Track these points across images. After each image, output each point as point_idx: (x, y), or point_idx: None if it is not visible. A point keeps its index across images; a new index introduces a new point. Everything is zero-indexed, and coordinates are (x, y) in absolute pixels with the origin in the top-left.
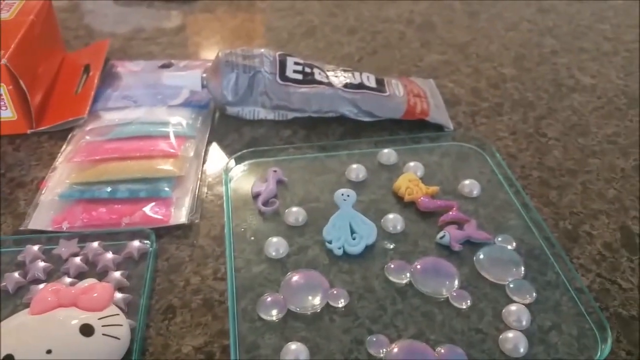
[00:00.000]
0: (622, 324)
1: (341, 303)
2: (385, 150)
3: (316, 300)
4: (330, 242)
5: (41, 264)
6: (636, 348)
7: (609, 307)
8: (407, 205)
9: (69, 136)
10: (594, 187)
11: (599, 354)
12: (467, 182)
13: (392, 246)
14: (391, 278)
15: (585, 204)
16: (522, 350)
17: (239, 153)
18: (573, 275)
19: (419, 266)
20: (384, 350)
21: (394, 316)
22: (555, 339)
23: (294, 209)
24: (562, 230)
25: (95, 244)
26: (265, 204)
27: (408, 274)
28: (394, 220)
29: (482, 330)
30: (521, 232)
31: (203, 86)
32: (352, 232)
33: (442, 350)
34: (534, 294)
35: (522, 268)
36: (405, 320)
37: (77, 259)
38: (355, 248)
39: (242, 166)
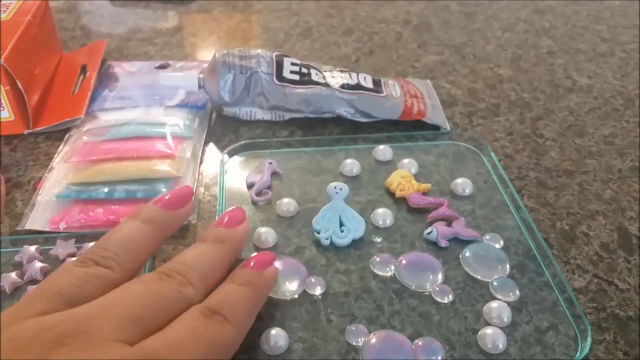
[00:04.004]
0: (619, 324)
1: (318, 290)
2: (381, 147)
3: (293, 286)
4: (318, 232)
5: (38, 264)
6: (633, 348)
7: (606, 307)
8: (397, 201)
9: (66, 137)
10: (590, 188)
11: (579, 352)
12: (459, 180)
13: (379, 240)
14: (376, 271)
15: (582, 205)
16: (500, 346)
17: (235, 145)
18: (558, 274)
19: (403, 260)
20: (362, 339)
21: (375, 307)
22: (536, 337)
23: (286, 200)
24: (559, 231)
25: (92, 245)
26: (259, 194)
27: (392, 267)
28: (383, 215)
29: (461, 326)
30: (510, 232)
31: (200, 87)
32: (341, 224)
33: (420, 343)
34: (517, 292)
35: (508, 266)
36: (385, 311)
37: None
38: (343, 240)
39: (238, 157)
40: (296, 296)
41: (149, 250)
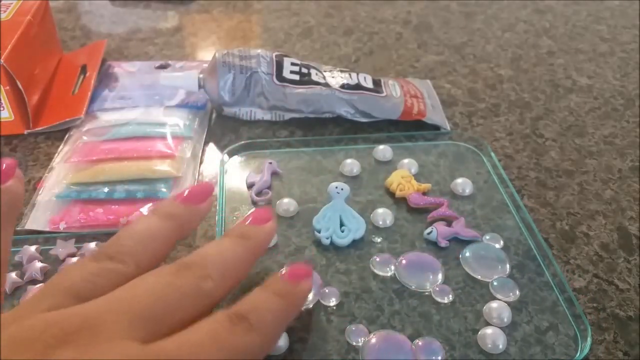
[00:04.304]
0: (619, 324)
1: (332, 302)
2: (381, 147)
3: (309, 296)
4: (319, 232)
5: (38, 264)
6: (633, 348)
7: (606, 307)
8: (397, 201)
9: (66, 137)
10: (590, 188)
11: (579, 352)
12: (459, 180)
13: (379, 240)
14: (376, 271)
15: (582, 205)
16: (500, 346)
17: (235, 145)
18: (558, 274)
19: (403, 260)
20: (362, 339)
21: (375, 307)
22: (536, 337)
23: (286, 200)
24: (559, 231)
25: (93, 245)
26: (259, 194)
27: (392, 267)
28: (383, 215)
29: (461, 326)
30: (510, 232)
31: (200, 87)
32: (342, 224)
33: (420, 343)
34: (517, 292)
35: (508, 266)
36: (385, 311)
37: (74, 260)
38: (343, 240)
39: (238, 157)
40: (310, 306)
41: (166, 246)
